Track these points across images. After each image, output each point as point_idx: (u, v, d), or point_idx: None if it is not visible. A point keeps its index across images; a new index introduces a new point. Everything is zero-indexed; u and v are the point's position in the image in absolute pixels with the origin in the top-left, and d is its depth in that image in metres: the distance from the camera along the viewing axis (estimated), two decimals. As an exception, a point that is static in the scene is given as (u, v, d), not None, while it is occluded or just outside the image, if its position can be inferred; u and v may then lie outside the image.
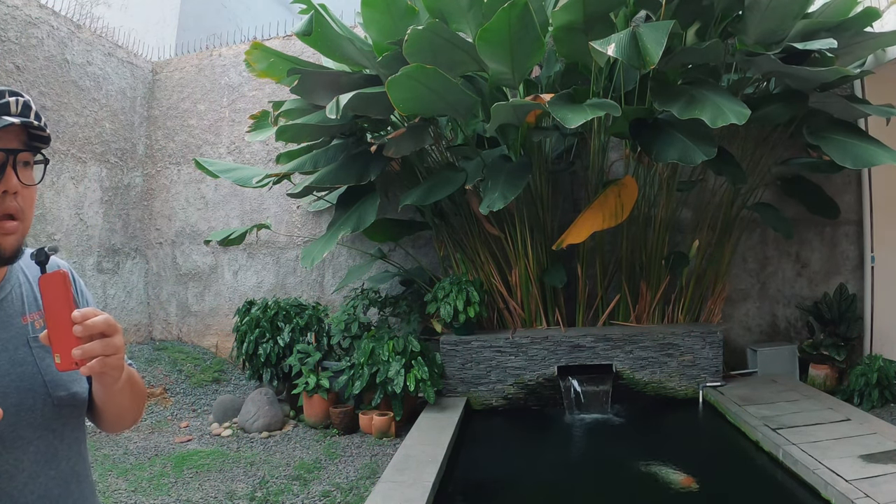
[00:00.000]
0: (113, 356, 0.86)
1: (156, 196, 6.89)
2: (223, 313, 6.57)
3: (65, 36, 5.74)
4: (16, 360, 0.92)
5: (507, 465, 3.92)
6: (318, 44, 4.47)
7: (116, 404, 1.03)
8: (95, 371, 0.85)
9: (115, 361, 0.87)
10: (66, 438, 0.98)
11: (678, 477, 3.33)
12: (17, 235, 0.91)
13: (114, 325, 0.87)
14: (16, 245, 0.91)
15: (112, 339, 0.86)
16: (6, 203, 0.88)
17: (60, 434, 0.96)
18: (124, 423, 1.11)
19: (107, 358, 0.85)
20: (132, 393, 1.05)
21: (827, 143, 4.27)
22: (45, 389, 0.93)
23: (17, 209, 0.89)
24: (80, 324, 0.83)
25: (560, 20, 3.99)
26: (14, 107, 0.88)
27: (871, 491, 2.83)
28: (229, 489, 3.65)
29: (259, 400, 4.86)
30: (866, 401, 4.57)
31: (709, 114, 3.67)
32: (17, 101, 0.88)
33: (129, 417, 1.10)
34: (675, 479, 3.42)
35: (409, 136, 4.53)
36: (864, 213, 5.52)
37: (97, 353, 0.84)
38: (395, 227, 5.63)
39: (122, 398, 1.01)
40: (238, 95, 6.67)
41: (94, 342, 0.84)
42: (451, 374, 4.89)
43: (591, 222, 4.49)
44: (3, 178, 0.87)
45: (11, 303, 0.96)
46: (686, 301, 5.24)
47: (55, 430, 0.95)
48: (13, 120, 0.86)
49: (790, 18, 4.03)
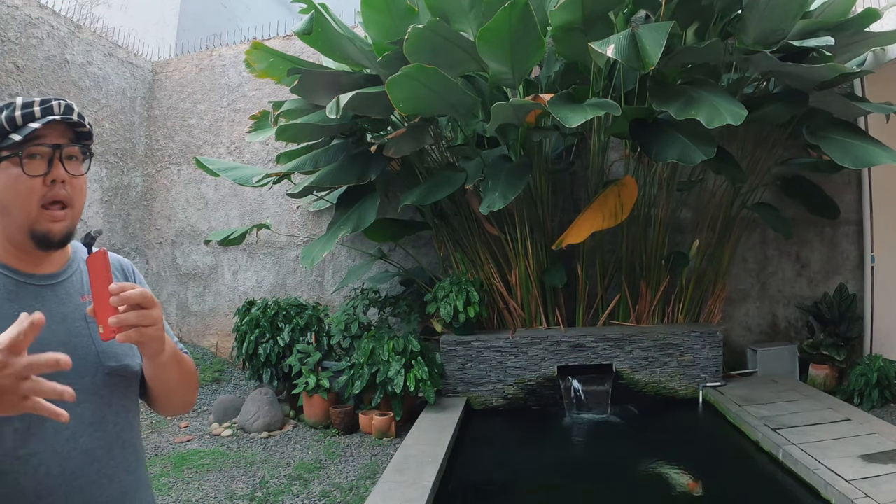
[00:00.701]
0: (150, 327, 0.95)
1: (156, 196, 6.89)
2: (223, 313, 6.57)
3: (65, 36, 5.74)
4: (72, 332, 1.04)
5: (507, 465, 3.92)
6: (319, 43, 4.47)
7: (163, 379, 1.11)
8: (133, 339, 0.94)
9: (152, 332, 0.96)
10: (113, 405, 1.07)
11: (680, 478, 3.32)
12: (67, 222, 1.02)
13: (150, 297, 0.95)
14: (65, 231, 1.03)
15: (149, 311, 0.94)
16: (55, 191, 1.00)
17: (108, 400, 1.06)
18: (175, 403, 1.20)
19: (143, 328, 0.94)
20: (180, 371, 1.13)
21: (827, 142, 4.27)
22: (98, 359, 1.05)
23: (66, 196, 1.01)
24: (116, 295, 0.92)
25: (558, 20, 3.97)
26: (57, 108, 1.01)
27: (871, 491, 2.83)
28: (229, 489, 3.65)
29: (259, 400, 4.86)
30: (866, 401, 4.57)
31: (705, 114, 3.67)
32: (60, 103, 1.02)
33: (179, 396, 1.19)
34: (676, 479, 3.42)
35: (409, 135, 4.53)
36: (864, 213, 5.52)
37: (132, 322, 0.93)
38: (395, 227, 5.63)
39: (168, 373, 1.10)
40: (238, 95, 6.67)
41: (130, 312, 0.93)
42: (451, 374, 4.89)
43: (590, 222, 4.49)
44: (51, 169, 1.00)
45: (73, 284, 1.09)
46: (686, 301, 5.24)
47: (103, 396, 1.06)
48: (55, 117, 1.00)
49: (789, 18, 4.03)
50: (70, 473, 0.99)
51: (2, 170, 0.99)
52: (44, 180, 1.00)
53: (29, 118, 0.99)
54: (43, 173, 1.00)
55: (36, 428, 0.96)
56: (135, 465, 1.12)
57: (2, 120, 0.99)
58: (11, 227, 1.01)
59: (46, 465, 0.97)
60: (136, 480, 1.11)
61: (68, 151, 1.02)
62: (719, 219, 5.25)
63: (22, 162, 0.98)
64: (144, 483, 1.15)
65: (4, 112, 1.00)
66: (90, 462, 1.02)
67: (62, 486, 0.98)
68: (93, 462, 1.02)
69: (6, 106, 1.01)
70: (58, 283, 1.07)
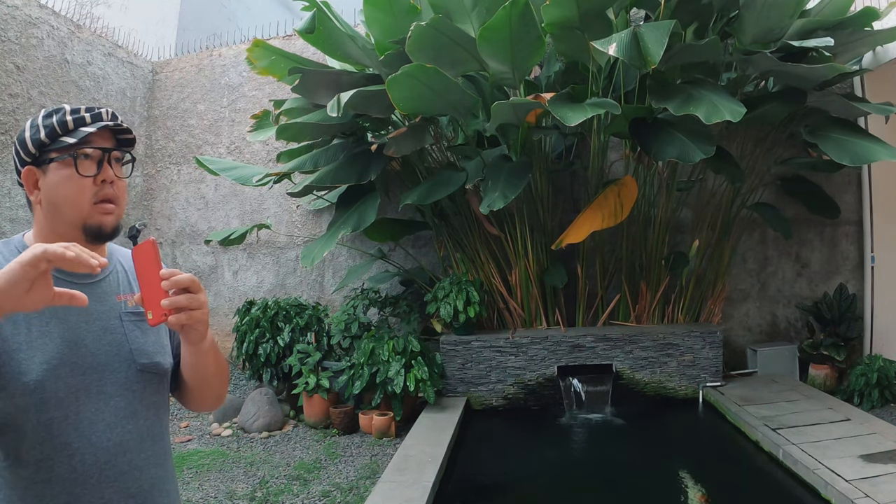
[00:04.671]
0: (198, 310, 1.00)
1: (156, 196, 6.89)
2: (223, 313, 6.56)
3: (65, 36, 5.74)
4: (107, 329, 1.10)
5: (507, 466, 3.92)
6: (321, 41, 4.47)
7: (202, 366, 1.16)
8: (183, 321, 0.99)
9: (199, 315, 1.01)
10: (144, 400, 1.12)
11: (692, 493, 3.27)
12: (115, 216, 1.11)
13: (197, 283, 1.01)
14: (114, 224, 1.11)
15: (197, 294, 1.00)
16: (105, 190, 1.09)
17: (140, 395, 1.11)
18: (209, 395, 1.23)
19: (192, 311, 0.99)
20: (216, 361, 1.18)
21: (825, 140, 4.27)
22: (131, 356, 1.11)
23: (113, 195, 1.10)
24: (167, 279, 0.97)
25: (552, 16, 3.92)
26: (106, 115, 1.11)
27: (871, 491, 2.83)
28: (229, 489, 3.65)
29: (259, 400, 4.86)
30: (866, 401, 4.57)
31: (704, 110, 3.67)
32: (107, 111, 1.12)
33: (214, 388, 1.22)
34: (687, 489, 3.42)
35: (409, 135, 4.53)
36: (864, 213, 5.52)
37: (182, 304, 0.98)
38: (395, 227, 5.62)
39: (207, 361, 1.15)
40: (238, 95, 6.67)
41: (181, 296, 0.98)
42: (451, 374, 4.88)
43: (590, 222, 4.49)
44: (101, 171, 1.09)
45: (109, 283, 1.15)
46: (686, 301, 5.23)
47: (135, 391, 1.11)
48: (107, 123, 1.09)
49: (787, 17, 4.03)
50: (104, 463, 1.04)
51: (52, 171, 1.07)
52: (94, 180, 1.08)
53: (80, 123, 1.08)
54: (94, 174, 1.08)
55: (73, 419, 1.02)
56: (163, 458, 1.16)
57: (53, 123, 1.07)
58: (61, 224, 1.08)
59: (81, 455, 1.02)
60: (163, 473, 1.16)
61: (115, 155, 1.11)
62: (719, 219, 5.25)
63: (76, 162, 1.06)
64: (171, 476, 1.20)
65: (55, 116, 1.07)
66: (122, 453, 1.07)
67: (95, 475, 1.03)
68: (125, 453, 1.07)
69: (56, 111, 1.08)
70: (95, 283, 1.12)
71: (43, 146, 1.07)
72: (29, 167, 1.08)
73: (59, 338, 1.03)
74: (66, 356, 1.02)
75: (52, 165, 1.06)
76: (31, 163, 1.08)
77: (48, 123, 1.07)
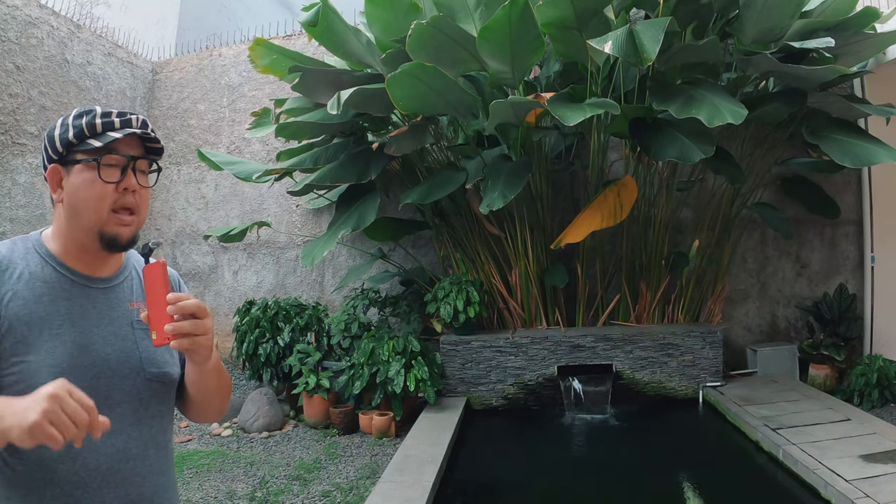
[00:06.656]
0: (202, 336, 1.00)
1: (155, 196, 6.89)
2: (223, 313, 6.56)
3: (65, 36, 5.74)
4: (119, 335, 1.10)
5: (507, 466, 3.92)
6: (324, 37, 4.46)
7: (205, 385, 1.16)
8: (185, 347, 1.00)
9: (203, 341, 1.01)
10: (150, 409, 1.12)
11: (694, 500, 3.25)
12: (133, 227, 1.09)
13: (204, 309, 1.01)
14: (131, 235, 1.09)
15: (202, 321, 1.00)
16: (126, 199, 1.07)
17: (147, 403, 1.11)
18: (210, 410, 1.24)
19: (196, 337, 1.00)
20: (219, 379, 1.18)
21: (826, 141, 4.27)
22: (140, 364, 1.10)
23: (134, 204, 1.08)
24: (173, 304, 0.98)
25: (547, 16, 3.91)
26: (135, 122, 1.08)
27: (871, 491, 2.83)
28: (229, 489, 3.64)
29: (259, 400, 4.86)
30: (866, 401, 4.57)
31: (705, 113, 3.66)
32: (137, 118, 1.08)
33: (215, 404, 1.23)
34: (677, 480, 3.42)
35: (410, 134, 4.53)
36: (864, 213, 5.52)
37: (186, 330, 0.98)
38: (395, 227, 5.62)
39: (210, 380, 1.15)
40: (238, 95, 6.67)
41: (185, 321, 0.98)
42: (451, 374, 4.88)
43: (589, 221, 4.49)
44: (124, 178, 1.06)
45: (123, 290, 1.15)
46: (686, 301, 5.23)
47: (142, 399, 1.11)
48: (135, 130, 1.06)
49: (787, 17, 4.03)
50: (106, 469, 1.04)
51: (76, 172, 1.05)
52: (116, 187, 1.05)
53: (108, 127, 1.05)
54: (116, 180, 1.05)
55: None
56: (166, 466, 1.16)
57: (82, 124, 1.05)
58: (78, 229, 1.07)
59: (83, 458, 1.02)
60: (165, 482, 1.16)
61: (140, 164, 1.10)
62: (719, 219, 5.25)
63: (100, 168, 1.04)
64: (172, 486, 1.20)
65: (85, 118, 1.06)
66: (126, 460, 1.07)
67: (96, 479, 1.03)
68: (128, 460, 1.08)
69: (86, 112, 1.06)
70: (109, 288, 1.13)
71: (70, 146, 1.05)
72: (55, 165, 1.07)
73: (71, 341, 1.03)
74: (76, 359, 1.03)
75: (76, 167, 1.05)
76: (57, 161, 1.06)
77: (77, 124, 1.05)
